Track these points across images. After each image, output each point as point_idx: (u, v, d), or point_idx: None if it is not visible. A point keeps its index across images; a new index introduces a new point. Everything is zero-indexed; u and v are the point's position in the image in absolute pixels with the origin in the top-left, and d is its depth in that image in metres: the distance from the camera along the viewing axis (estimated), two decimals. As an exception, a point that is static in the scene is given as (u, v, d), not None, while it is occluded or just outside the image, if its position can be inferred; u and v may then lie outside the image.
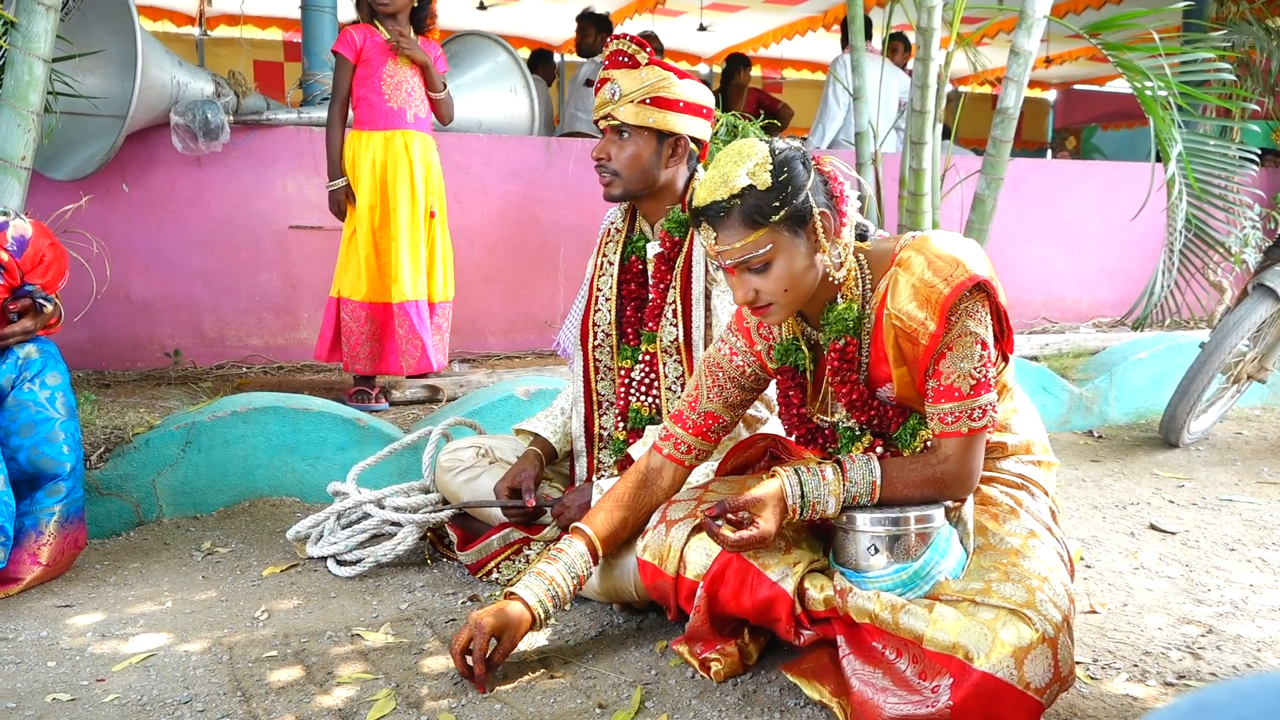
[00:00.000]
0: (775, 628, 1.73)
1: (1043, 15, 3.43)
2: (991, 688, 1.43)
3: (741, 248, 1.59)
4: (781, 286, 1.62)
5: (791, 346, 1.79)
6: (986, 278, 1.58)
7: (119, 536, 2.59)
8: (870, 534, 1.63)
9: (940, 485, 1.65)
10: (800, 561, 1.70)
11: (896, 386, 1.68)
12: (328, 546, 2.33)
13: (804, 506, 1.65)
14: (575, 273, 4.65)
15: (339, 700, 1.67)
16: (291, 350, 4.17)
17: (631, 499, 1.88)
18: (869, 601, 1.59)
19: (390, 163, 3.33)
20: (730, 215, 1.58)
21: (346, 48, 3.30)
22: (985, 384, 1.61)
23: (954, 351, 1.59)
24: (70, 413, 2.27)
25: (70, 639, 1.93)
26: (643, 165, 2.10)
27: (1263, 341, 3.63)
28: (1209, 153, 4.34)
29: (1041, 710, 1.44)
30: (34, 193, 3.04)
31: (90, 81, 3.51)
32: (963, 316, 1.58)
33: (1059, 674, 1.45)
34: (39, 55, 2.63)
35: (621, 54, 2.08)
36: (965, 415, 1.61)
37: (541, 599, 1.76)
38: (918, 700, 1.49)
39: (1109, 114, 11.50)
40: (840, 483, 1.64)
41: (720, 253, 1.62)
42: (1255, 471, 3.30)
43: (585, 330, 2.27)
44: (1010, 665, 1.43)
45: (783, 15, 7.98)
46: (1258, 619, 2.04)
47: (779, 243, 1.59)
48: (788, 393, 1.81)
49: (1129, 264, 5.74)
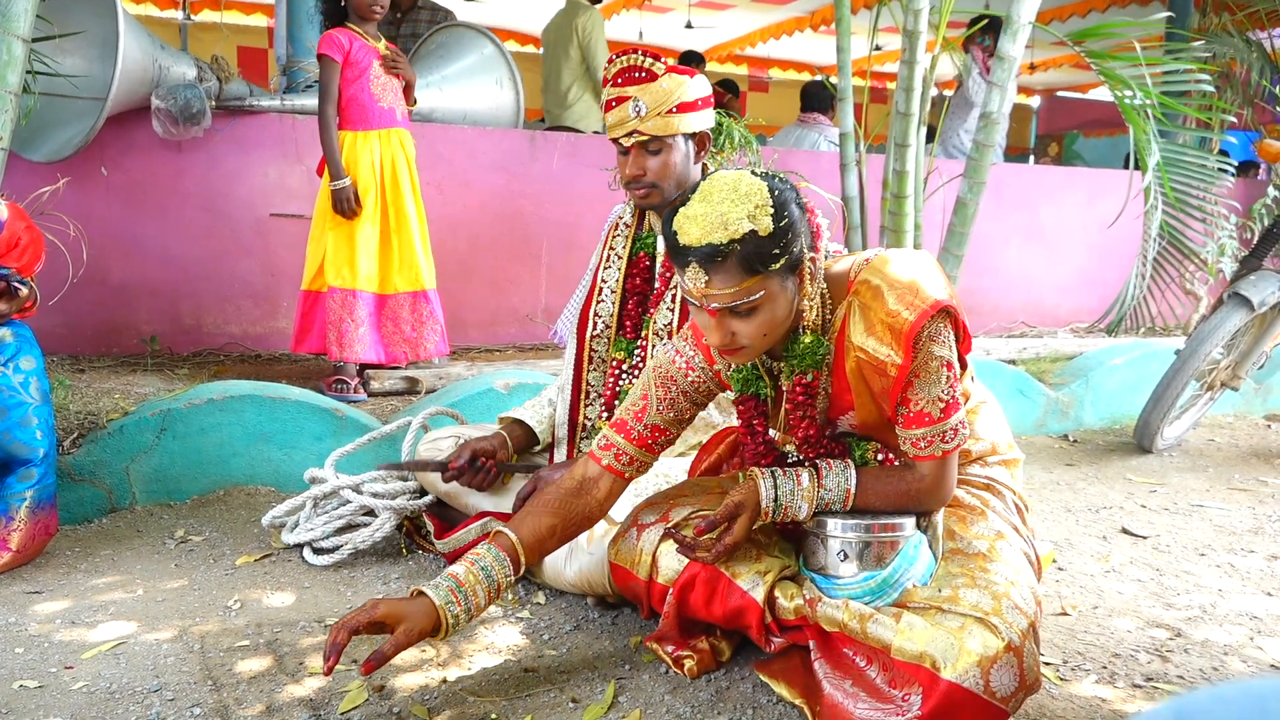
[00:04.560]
0: (747, 633, 1.74)
1: (1028, 21, 3.44)
2: (959, 698, 1.44)
3: (734, 293, 1.51)
4: (762, 331, 1.56)
5: (752, 376, 1.74)
6: (947, 301, 1.55)
7: (91, 523, 2.56)
8: (841, 540, 1.64)
9: (915, 501, 1.66)
10: (770, 570, 1.70)
11: (859, 414, 1.67)
12: (304, 533, 2.31)
13: (776, 510, 1.65)
14: (558, 266, 4.64)
15: (310, 690, 1.66)
16: (269, 339, 4.14)
17: (562, 506, 1.75)
18: (838, 611, 1.60)
19: (390, 159, 3.43)
20: (727, 260, 1.49)
21: (334, 50, 3.31)
22: (954, 404, 1.60)
23: (921, 379, 1.57)
24: (44, 397, 2.25)
25: (39, 625, 1.91)
26: (678, 171, 2.13)
27: (1236, 349, 3.68)
28: (1187, 163, 4.38)
29: (1007, 718, 1.46)
30: (11, 174, 3.00)
31: (70, 63, 3.47)
32: (927, 343, 1.55)
33: (1024, 682, 1.47)
34: (18, 35, 2.60)
35: (637, 69, 2.07)
36: (938, 439, 1.60)
37: (450, 600, 1.60)
38: (889, 708, 1.51)
39: (1091, 121, 11.60)
40: (815, 489, 1.65)
41: (708, 296, 1.52)
42: (1226, 478, 3.34)
43: (584, 319, 2.31)
44: (976, 675, 1.44)
45: (770, 15, 8.00)
46: (1225, 624, 2.07)
47: (770, 289, 1.53)
48: (751, 422, 1.77)
49: (1108, 270, 5.79)
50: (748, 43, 8.71)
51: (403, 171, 3.46)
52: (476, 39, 4.66)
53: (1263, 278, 3.46)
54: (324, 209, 3.39)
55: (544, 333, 4.65)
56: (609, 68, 2.10)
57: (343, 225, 3.36)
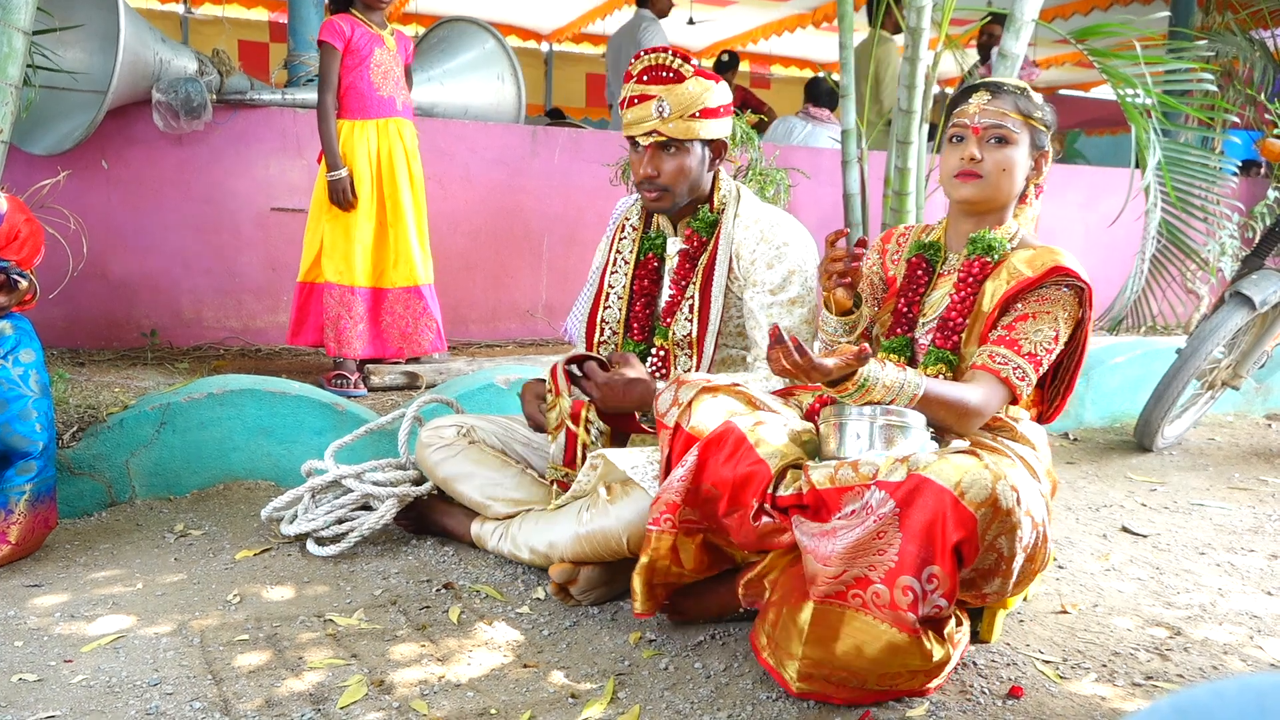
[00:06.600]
0: (738, 522, 1.73)
1: (1031, 19, 3.44)
2: (934, 491, 1.52)
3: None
4: (1002, 168, 1.89)
5: (929, 245, 1.99)
6: (1091, 287, 1.83)
7: (90, 517, 2.56)
8: (856, 422, 1.71)
9: (958, 410, 1.74)
10: (789, 455, 1.74)
11: (968, 323, 1.88)
12: (304, 523, 2.31)
13: (863, 385, 1.65)
14: (558, 262, 4.64)
15: (310, 685, 1.66)
16: (270, 333, 4.14)
17: None
18: (829, 467, 1.67)
19: (387, 150, 3.38)
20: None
21: (335, 37, 3.28)
22: (1038, 361, 1.79)
23: (1032, 320, 1.79)
24: (44, 390, 2.24)
25: (38, 619, 1.91)
26: (692, 176, 2.13)
27: (1237, 349, 3.67)
28: (1189, 162, 4.37)
29: (975, 525, 1.51)
30: (11, 167, 3.00)
31: (71, 56, 3.47)
32: (1057, 292, 1.81)
33: (995, 500, 1.52)
34: (19, 27, 2.59)
35: (664, 68, 2.06)
36: (1010, 364, 1.77)
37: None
38: (859, 524, 1.57)
39: (1093, 120, 11.58)
40: (896, 375, 1.69)
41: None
42: (1226, 477, 3.34)
43: (592, 326, 2.29)
44: (951, 475, 1.53)
45: (772, 11, 7.98)
46: (1225, 623, 2.07)
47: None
48: (914, 285, 1.97)
49: (1110, 269, 5.78)
50: (749, 39, 8.69)
51: (400, 163, 3.39)
52: (478, 34, 4.66)
53: (1264, 277, 3.45)
54: (321, 200, 3.36)
55: (544, 328, 4.65)
56: (635, 63, 2.09)
57: (339, 218, 3.34)
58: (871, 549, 1.56)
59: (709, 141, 2.12)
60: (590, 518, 2.00)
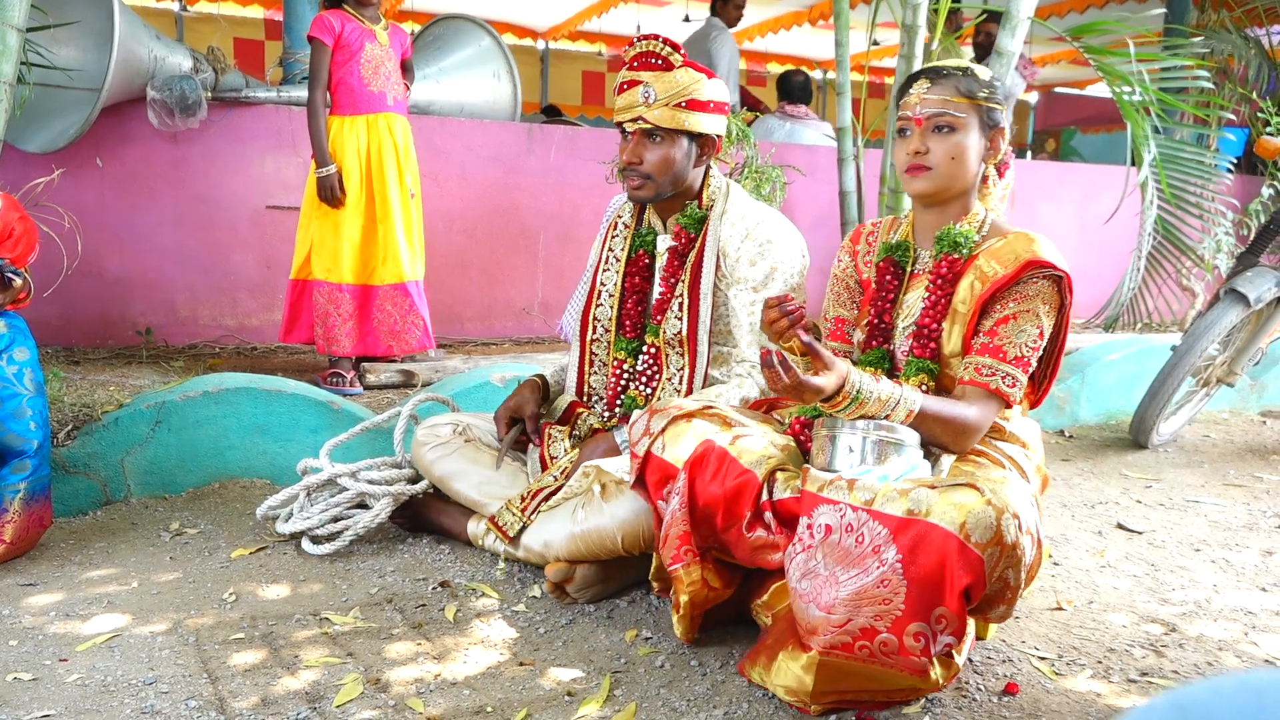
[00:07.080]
0: (735, 536, 1.72)
1: (1027, 17, 3.44)
2: (939, 537, 1.46)
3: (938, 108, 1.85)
4: (950, 155, 1.82)
5: (898, 247, 1.93)
6: (1070, 275, 1.77)
7: (85, 515, 2.56)
8: (849, 436, 1.68)
9: (955, 428, 1.71)
10: (772, 459, 1.74)
11: (947, 328, 1.83)
12: (300, 522, 2.30)
13: (855, 398, 1.65)
14: (555, 260, 4.63)
15: (305, 683, 1.66)
16: (265, 331, 4.13)
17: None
18: (824, 479, 1.63)
19: (376, 146, 3.34)
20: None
21: (325, 32, 3.26)
22: (1025, 363, 1.75)
23: (1013, 322, 1.74)
24: (38, 389, 2.24)
25: (33, 618, 1.91)
26: (675, 168, 2.12)
27: (1232, 346, 3.68)
28: (1185, 159, 4.38)
29: (983, 567, 1.47)
30: (5, 165, 2.99)
31: (65, 53, 3.45)
32: (1034, 285, 1.75)
33: (1001, 540, 1.47)
34: (13, 24, 2.58)
35: (654, 55, 2.06)
36: (997, 374, 1.74)
37: None
38: (860, 572, 1.51)
39: (1089, 118, 11.59)
40: (892, 390, 1.68)
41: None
42: (1221, 474, 3.35)
43: (585, 323, 2.30)
44: (954, 517, 1.47)
45: (769, 9, 7.98)
46: (1219, 619, 2.07)
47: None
48: (884, 290, 1.91)
49: (1105, 266, 5.80)
50: (745, 37, 8.68)
51: (389, 159, 3.36)
52: (474, 31, 4.65)
53: (1259, 274, 3.46)
54: (312, 197, 3.35)
55: (540, 326, 4.64)
56: (628, 50, 2.10)
57: (329, 215, 3.33)
58: (877, 598, 1.50)
59: (697, 136, 2.11)
60: (585, 516, 2.01)
